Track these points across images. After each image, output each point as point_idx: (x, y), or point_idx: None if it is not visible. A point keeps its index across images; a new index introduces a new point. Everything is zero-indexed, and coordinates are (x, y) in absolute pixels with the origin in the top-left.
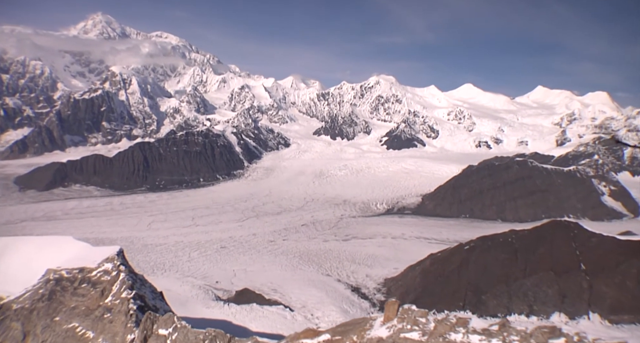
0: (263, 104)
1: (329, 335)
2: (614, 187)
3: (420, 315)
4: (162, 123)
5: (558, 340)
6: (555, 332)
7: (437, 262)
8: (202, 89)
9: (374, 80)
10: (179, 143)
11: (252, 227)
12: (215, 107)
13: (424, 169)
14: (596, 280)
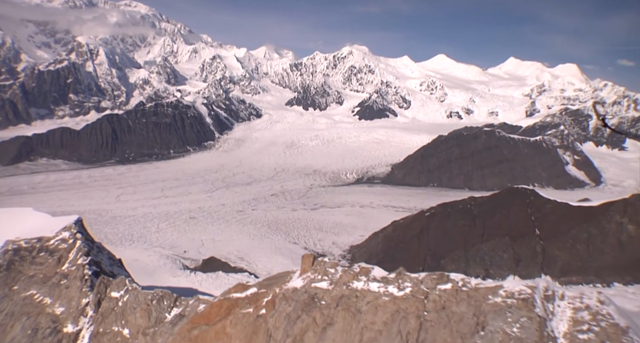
0: (235, 74)
1: (255, 289)
2: (578, 156)
3: (331, 266)
4: (131, 94)
5: (445, 285)
6: (443, 278)
7: (399, 229)
8: (173, 59)
9: (347, 50)
10: (148, 115)
11: (221, 198)
12: (186, 78)
13: (395, 139)
14: (549, 244)
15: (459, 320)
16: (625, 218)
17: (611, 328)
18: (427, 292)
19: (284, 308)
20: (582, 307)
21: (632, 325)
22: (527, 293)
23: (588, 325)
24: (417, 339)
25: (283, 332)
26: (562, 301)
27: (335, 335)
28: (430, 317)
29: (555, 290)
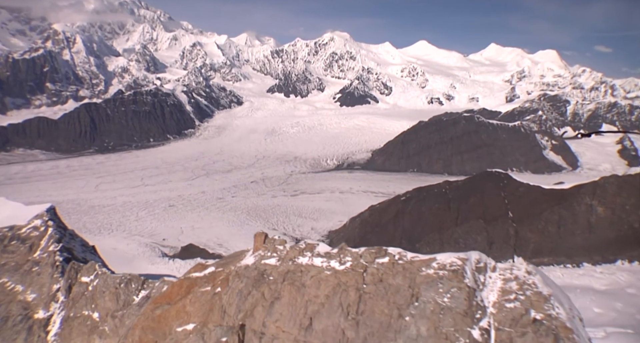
0: (216, 61)
1: (213, 268)
2: (555, 141)
3: (279, 243)
4: (110, 83)
5: (383, 259)
6: (381, 252)
7: (375, 213)
8: (152, 47)
9: (328, 37)
10: (127, 103)
11: (201, 185)
12: (166, 66)
13: (376, 125)
14: (521, 226)
15: (395, 292)
16: (595, 200)
17: (535, 297)
18: (366, 266)
19: (236, 285)
20: (512, 278)
21: (554, 294)
22: (458, 265)
23: (515, 294)
24: (357, 311)
25: (236, 307)
26: (494, 273)
27: (282, 309)
28: (369, 290)
29: (488, 263)
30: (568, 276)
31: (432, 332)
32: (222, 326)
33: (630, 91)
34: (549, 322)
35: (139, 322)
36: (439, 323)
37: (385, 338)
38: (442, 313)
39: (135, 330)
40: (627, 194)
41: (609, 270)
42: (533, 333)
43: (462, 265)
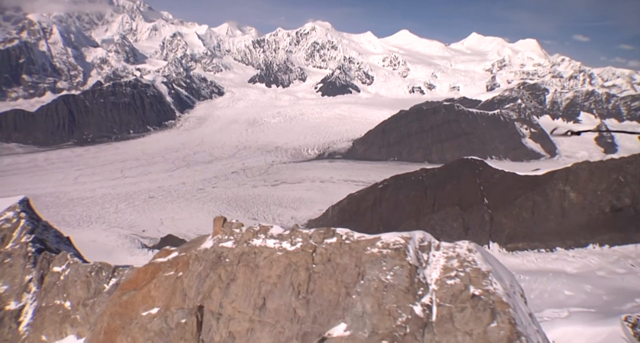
0: (196, 52)
1: (177, 253)
2: (534, 129)
3: (236, 226)
4: (89, 74)
5: (331, 239)
6: (329, 232)
7: (354, 201)
8: (132, 37)
9: (310, 26)
10: (106, 95)
11: (182, 177)
12: (146, 57)
13: (357, 115)
14: (496, 212)
15: (343, 271)
16: (568, 186)
17: (474, 273)
18: (315, 246)
19: (195, 268)
20: (454, 256)
21: (493, 270)
22: (400, 244)
23: (456, 272)
24: (307, 290)
25: (195, 290)
26: (438, 251)
27: (237, 290)
28: (318, 269)
29: (432, 242)
30: (542, 260)
31: (376, 309)
32: (183, 309)
33: (608, 80)
34: (487, 297)
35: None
36: (383, 300)
37: (333, 316)
38: (386, 290)
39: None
40: (599, 180)
41: (580, 254)
42: (471, 308)
43: (405, 244)
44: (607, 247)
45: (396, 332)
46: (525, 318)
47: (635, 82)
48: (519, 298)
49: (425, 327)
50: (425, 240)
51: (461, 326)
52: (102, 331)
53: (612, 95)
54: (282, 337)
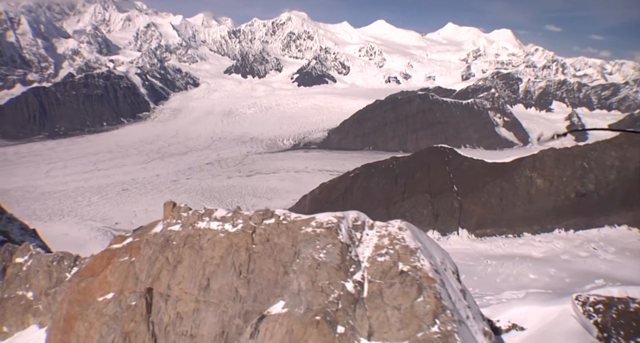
0: (171, 43)
1: (131, 239)
2: (507, 118)
3: (184, 210)
4: (60, 66)
5: (270, 220)
6: (268, 213)
7: (325, 190)
8: (105, 28)
9: (286, 16)
10: (78, 87)
11: (155, 168)
12: (119, 48)
13: (333, 105)
14: (465, 199)
15: (280, 250)
16: (534, 173)
17: (402, 250)
18: (254, 227)
19: (146, 252)
20: (385, 234)
21: (422, 247)
22: (333, 223)
23: (386, 249)
24: (248, 269)
25: (146, 273)
26: (372, 230)
27: (184, 271)
28: (257, 249)
29: (366, 221)
30: (509, 246)
31: (310, 286)
32: (135, 292)
33: (580, 69)
34: (414, 273)
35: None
36: (316, 278)
37: (273, 294)
38: (319, 268)
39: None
40: (564, 166)
41: (546, 239)
42: (400, 283)
43: (337, 223)
44: (572, 231)
45: (329, 308)
46: (455, 294)
47: (606, 72)
48: (450, 275)
49: (356, 303)
50: (359, 219)
51: (390, 301)
52: (61, 318)
53: (583, 84)
54: (225, 316)
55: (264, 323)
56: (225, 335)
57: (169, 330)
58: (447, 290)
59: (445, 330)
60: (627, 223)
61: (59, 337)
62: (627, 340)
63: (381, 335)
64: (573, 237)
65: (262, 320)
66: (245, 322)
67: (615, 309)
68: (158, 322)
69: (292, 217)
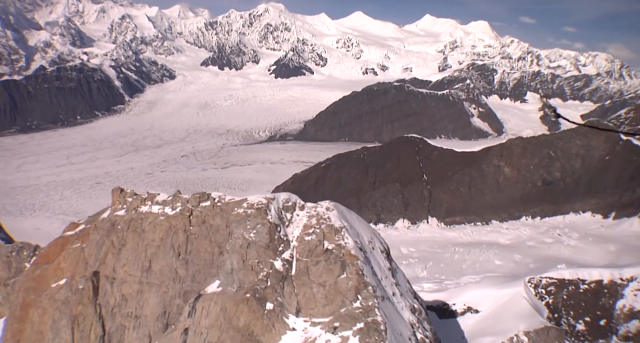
0: (147, 35)
1: (84, 225)
2: (482, 109)
3: (129, 196)
4: (32, 59)
5: (206, 202)
6: (204, 196)
7: (297, 181)
8: (78, 19)
9: (263, 8)
10: (50, 80)
11: (130, 161)
12: (93, 40)
13: (310, 97)
14: (435, 188)
15: (216, 231)
16: (502, 161)
17: (327, 229)
18: (191, 209)
19: (94, 237)
20: (314, 215)
21: (348, 226)
22: (263, 204)
23: (313, 228)
24: (186, 250)
25: (94, 257)
26: (302, 211)
27: (128, 254)
28: (194, 231)
29: (297, 202)
30: (477, 233)
31: (241, 265)
32: (85, 276)
33: (555, 61)
34: (338, 251)
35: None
36: (246, 257)
37: (209, 274)
38: (249, 247)
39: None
40: (531, 155)
41: (513, 226)
42: (324, 261)
43: (267, 204)
44: (538, 218)
45: (258, 285)
46: (382, 272)
47: (580, 64)
48: (379, 254)
49: (284, 280)
50: (290, 200)
51: (315, 278)
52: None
53: (556, 75)
54: (166, 297)
55: (200, 302)
56: (167, 315)
57: (115, 312)
58: (373, 267)
59: (366, 305)
60: (591, 210)
61: (15, 326)
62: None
63: (308, 311)
64: (539, 224)
65: (198, 299)
66: (185, 301)
67: (566, 291)
68: (105, 305)
69: (227, 199)
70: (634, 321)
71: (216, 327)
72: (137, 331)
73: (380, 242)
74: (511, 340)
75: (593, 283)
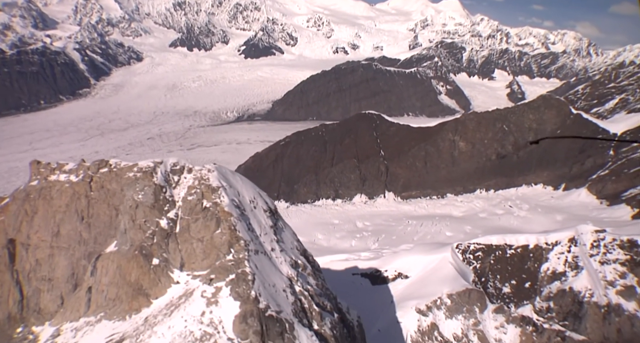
0: (113, 16)
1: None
2: (450, 86)
3: (43, 167)
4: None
5: (105, 169)
6: (103, 163)
7: (257, 159)
8: (41, 1)
9: None
10: (10, 64)
11: (95, 145)
12: (57, 22)
13: (280, 76)
14: (392, 163)
15: (112, 195)
16: (457, 136)
17: (205, 188)
18: (92, 176)
19: (12, 208)
20: (199, 176)
21: (227, 186)
22: (150, 167)
23: (195, 189)
24: (88, 214)
25: (13, 228)
26: (190, 174)
27: (39, 221)
28: (94, 195)
29: (186, 165)
30: (432, 206)
31: (131, 225)
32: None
33: (524, 39)
34: (214, 208)
35: None
36: (135, 217)
37: (108, 235)
38: (137, 207)
39: None
40: (485, 129)
41: (468, 199)
42: (202, 218)
43: (154, 167)
44: (492, 191)
45: (145, 243)
46: (263, 229)
47: (550, 42)
48: (261, 212)
49: (169, 237)
50: (178, 164)
51: (195, 234)
52: None
53: (524, 53)
54: (74, 259)
55: (100, 261)
56: (75, 276)
57: (30, 277)
58: (251, 224)
59: (237, 257)
60: (542, 182)
61: None
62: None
63: (190, 265)
64: (493, 196)
65: (98, 259)
66: (89, 262)
67: (493, 256)
68: (22, 270)
69: (122, 164)
70: (556, 282)
71: (114, 283)
72: (51, 293)
73: (266, 202)
74: (435, 302)
75: (520, 248)
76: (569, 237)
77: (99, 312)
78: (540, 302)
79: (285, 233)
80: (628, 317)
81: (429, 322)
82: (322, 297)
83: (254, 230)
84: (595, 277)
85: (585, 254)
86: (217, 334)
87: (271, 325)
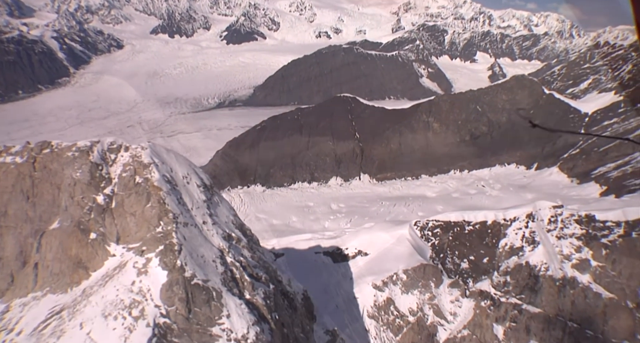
0: (92, 3)
1: None
2: (431, 69)
3: None
4: None
5: (47, 150)
6: (45, 144)
7: (234, 145)
8: None
9: None
10: None
11: (74, 135)
12: (34, 10)
13: (261, 62)
14: (367, 145)
15: (54, 174)
16: (431, 117)
17: (138, 165)
18: (35, 157)
19: None
20: (135, 155)
21: (158, 162)
22: (87, 147)
23: (130, 166)
24: (33, 194)
25: None
26: (127, 152)
27: None
28: (38, 175)
29: (124, 144)
30: (406, 187)
31: (71, 201)
32: None
33: (507, 21)
34: (145, 184)
35: None
36: (74, 193)
37: (52, 212)
38: (75, 185)
39: None
40: (459, 110)
41: (442, 180)
42: (135, 193)
43: (91, 146)
44: (466, 171)
45: (83, 218)
46: (195, 203)
47: (533, 24)
48: (194, 187)
49: (105, 212)
50: (116, 143)
51: (129, 209)
52: None
53: (506, 35)
54: (21, 237)
55: (44, 238)
56: (24, 254)
57: None
58: (183, 198)
59: (166, 229)
60: (515, 161)
61: None
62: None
63: (125, 238)
64: (466, 176)
65: (42, 235)
66: (35, 240)
67: (451, 232)
68: None
69: (63, 145)
70: (514, 257)
71: (57, 259)
72: (1, 271)
73: (200, 178)
74: (391, 278)
75: (478, 224)
76: (526, 212)
77: (45, 287)
78: (498, 277)
79: (220, 207)
80: (582, 289)
81: (385, 297)
82: (256, 268)
83: (185, 204)
84: (551, 251)
85: (543, 229)
86: (145, 301)
87: (197, 293)
